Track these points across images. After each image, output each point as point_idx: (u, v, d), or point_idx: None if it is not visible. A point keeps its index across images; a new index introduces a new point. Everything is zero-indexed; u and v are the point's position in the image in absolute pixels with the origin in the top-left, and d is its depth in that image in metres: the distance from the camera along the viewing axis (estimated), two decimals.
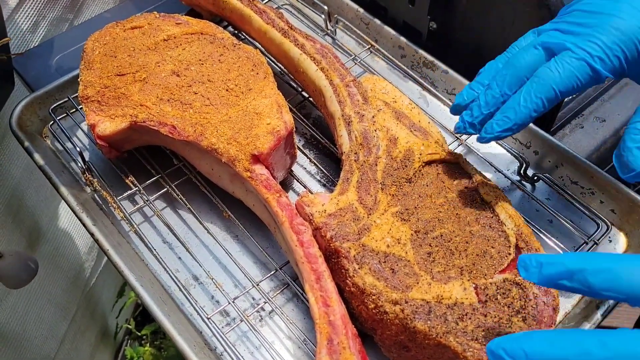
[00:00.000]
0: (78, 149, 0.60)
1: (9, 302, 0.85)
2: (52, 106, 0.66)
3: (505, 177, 0.62)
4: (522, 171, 0.62)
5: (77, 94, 0.60)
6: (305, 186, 0.62)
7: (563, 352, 0.30)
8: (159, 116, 0.57)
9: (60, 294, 1.00)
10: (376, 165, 0.54)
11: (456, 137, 0.65)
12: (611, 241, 0.58)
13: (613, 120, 0.71)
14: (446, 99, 0.68)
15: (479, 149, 0.65)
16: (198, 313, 0.52)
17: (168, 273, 0.54)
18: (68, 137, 0.64)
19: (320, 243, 0.50)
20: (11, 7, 0.79)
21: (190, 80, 0.59)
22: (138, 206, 0.61)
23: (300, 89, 0.70)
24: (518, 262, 0.36)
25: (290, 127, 0.56)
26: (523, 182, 0.62)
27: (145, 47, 0.62)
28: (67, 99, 0.67)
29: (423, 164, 0.55)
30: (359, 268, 0.47)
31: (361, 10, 0.76)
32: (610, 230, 0.57)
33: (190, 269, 0.57)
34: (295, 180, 0.63)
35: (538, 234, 0.58)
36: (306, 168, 0.65)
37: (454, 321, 0.44)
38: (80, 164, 0.61)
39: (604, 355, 0.29)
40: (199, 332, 0.53)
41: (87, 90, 0.59)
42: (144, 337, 1.35)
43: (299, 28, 0.67)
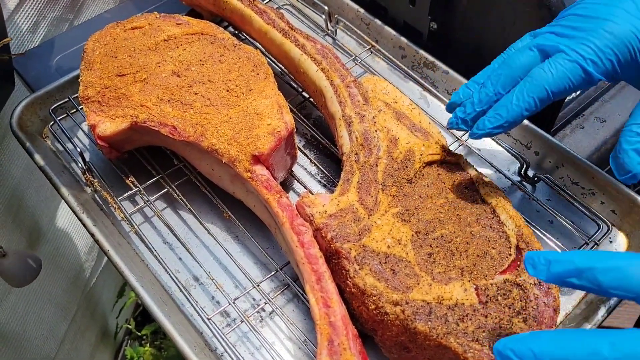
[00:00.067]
0: (78, 150, 0.60)
1: (9, 302, 0.85)
2: (53, 106, 0.66)
3: (505, 178, 0.62)
4: (523, 172, 0.62)
5: (78, 94, 0.60)
6: (305, 187, 0.62)
7: (572, 352, 0.30)
8: (160, 117, 0.57)
9: (60, 294, 1.00)
10: (377, 165, 0.54)
11: (457, 138, 0.65)
12: (612, 242, 0.58)
13: (613, 120, 0.71)
14: (447, 100, 0.68)
15: (480, 150, 0.65)
16: (198, 314, 0.52)
17: (168, 273, 0.54)
18: (68, 138, 0.64)
19: (320, 244, 0.50)
20: (11, 7, 0.79)
21: (190, 80, 0.59)
22: (138, 207, 0.61)
23: (300, 90, 0.70)
24: (525, 259, 0.36)
25: (290, 128, 0.56)
26: (524, 183, 0.62)
27: (145, 48, 0.62)
28: (68, 99, 0.67)
29: (424, 165, 0.55)
30: (360, 269, 0.47)
31: (362, 10, 0.76)
32: (610, 230, 0.57)
33: (190, 270, 0.57)
34: (295, 180, 0.63)
35: (539, 235, 0.58)
36: (307, 168, 0.65)
37: (455, 322, 0.44)
38: (80, 165, 0.61)
39: (614, 355, 0.29)
40: (200, 333, 0.53)
41: (88, 90, 0.59)
42: (144, 337, 1.35)
43: (300, 28, 0.67)
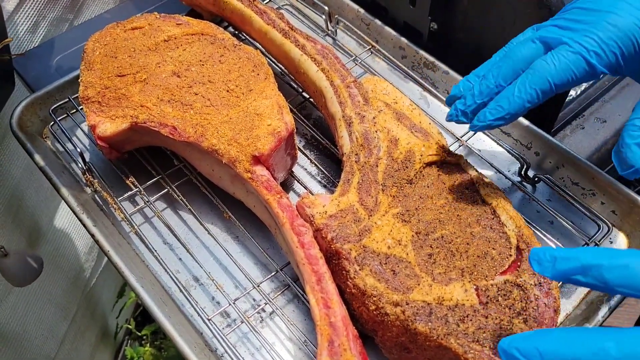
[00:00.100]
0: (78, 150, 0.60)
1: (9, 302, 0.85)
2: (53, 107, 0.66)
3: (506, 178, 0.62)
4: (523, 172, 0.62)
5: (78, 95, 0.60)
6: (306, 187, 0.62)
7: (578, 351, 0.30)
8: (160, 117, 0.57)
9: (60, 294, 1.00)
10: (377, 166, 0.54)
11: (457, 138, 0.65)
12: (612, 242, 0.58)
13: (614, 121, 0.71)
14: None
15: (480, 150, 0.65)
16: (199, 314, 0.52)
17: (168, 274, 0.54)
18: (68, 138, 0.64)
19: (321, 244, 0.50)
20: (11, 8, 0.79)
21: (190, 81, 0.59)
22: (138, 207, 0.61)
23: (300, 90, 0.70)
24: (530, 255, 0.35)
25: (291, 128, 0.56)
26: (524, 183, 0.62)
27: (145, 48, 0.62)
28: (68, 100, 0.67)
29: (424, 165, 0.55)
30: (360, 269, 0.47)
31: (362, 10, 0.76)
32: (611, 231, 0.57)
33: (190, 270, 0.57)
34: (296, 181, 0.63)
35: (539, 235, 0.58)
36: (307, 169, 0.65)
37: (455, 323, 0.44)
38: (80, 165, 0.61)
39: (619, 354, 0.29)
40: (200, 334, 0.53)
41: (88, 91, 0.59)
42: (144, 337, 1.35)
43: (300, 29, 0.67)
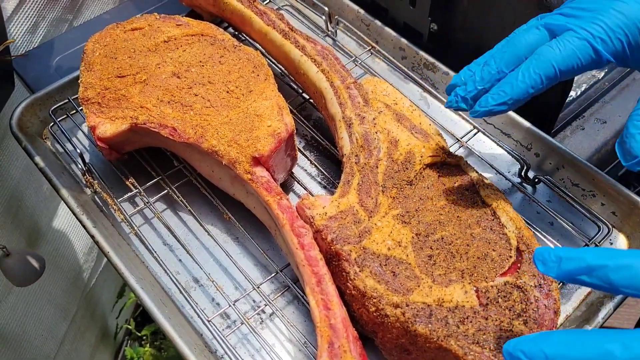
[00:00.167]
0: (78, 151, 0.60)
1: (9, 303, 0.85)
2: (53, 107, 0.66)
3: (506, 179, 0.62)
4: (523, 173, 0.62)
5: (78, 96, 0.60)
6: (305, 188, 0.62)
7: (584, 353, 0.30)
8: (160, 118, 0.57)
9: (60, 295, 1.00)
10: (377, 167, 0.54)
11: (457, 139, 0.65)
12: (612, 243, 0.58)
13: (614, 121, 0.71)
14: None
15: (480, 151, 0.65)
16: (198, 315, 0.52)
17: (168, 275, 0.53)
18: (68, 139, 0.64)
19: (321, 246, 0.50)
20: (11, 8, 0.79)
21: (190, 82, 0.59)
22: (138, 208, 0.61)
23: (300, 91, 0.70)
24: (535, 255, 0.35)
25: (291, 129, 0.56)
26: (524, 184, 0.62)
27: (145, 49, 0.62)
28: (68, 101, 0.67)
29: (424, 167, 0.55)
30: (360, 271, 0.47)
31: (362, 11, 0.76)
32: (611, 232, 0.57)
33: (190, 271, 0.57)
34: (295, 182, 0.63)
35: (539, 236, 0.58)
36: (307, 170, 0.65)
37: (455, 324, 0.44)
38: (80, 166, 0.61)
39: (625, 355, 0.29)
40: (200, 335, 0.53)
41: (88, 92, 0.59)
42: (144, 338, 1.35)
43: (300, 29, 0.67)
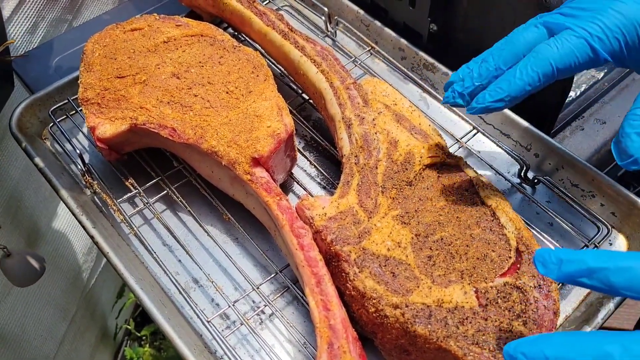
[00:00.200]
0: (78, 151, 0.60)
1: (8, 303, 0.85)
2: (52, 108, 0.66)
3: (505, 180, 0.62)
4: (523, 174, 0.62)
5: (77, 96, 0.60)
6: (305, 189, 0.62)
7: (583, 355, 0.30)
8: (159, 119, 0.57)
9: (59, 295, 1.00)
10: (376, 168, 0.54)
11: (457, 140, 0.65)
12: (612, 244, 0.58)
13: (613, 122, 0.71)
14: None
15: (480, 152, 0.65)
16: (198, 316, 0.52)
17: (168, 276, 0.53)
18: (68, 139, 0.64)
19: (320, 246, 0.50)
20: (10, 9, 0.78)
21: (190, 82, 0.59)
22: (138, 209, 0.61)
23: (300, 91, 0.70)
24: (535, 257, 0.35)
25: (290, 130, 0.56)
26: (523, 185, 0.62)
27: (145, 49, 0.62)
28: (67, 101, 0.67)
29: (423, 167, 0.55)
30: (360, 272, 0.47)
31: (361, 12, 0.76)
32: (610, 233, 0.57)
33: (190, 272, 0.57)
34: (295, 182, 0.63)
35: (538, 237, 0.58)
36: (306, 170, 0.65)
37: (455, 325, 0.44)
38: (80, 166, 0.61)
39: (625, 357, 0.29)
40: (199, 336, 0.53)
41: (87, 92, 0.59)
42: (144, 338, 1.35)
43: (299, 30, 0.67)
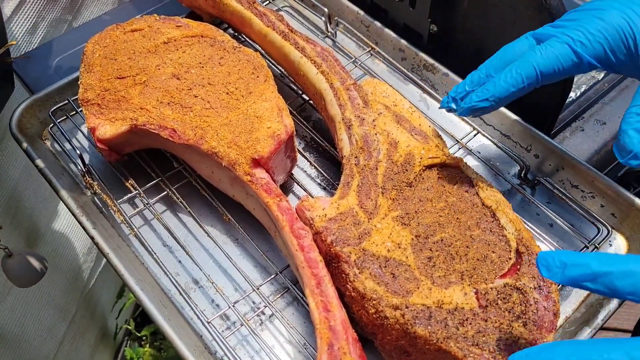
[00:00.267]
0: (78, 152, 0.60)
1: (8, 303, 0.85)
2: (52, 109, 0.66)
3: (505, 181, 0.62)
4: (523, 175, 0.62)
5: (77, 97, 0.60)
6: (305, 189, 0.62)
7: None
8: (159, 119, 0.57)
9: (59, 295, 1.00)
10: (377, 169, 0.54)
11: (457, 141, 0.65)
12: (612, 245, 0.58)
13: (614, 123, 0.71)
14: None
15: (480, 153, 0.65)
16: (198, 317, 0.52)
17: (168, 277, 0.53)
18: (68, 140, 0.64)
19: (320, 247, 0.50)
20: (10, 9, 0.78)
21: (190, 83, 0.59)
22: (138, 209, 0.61)
23: (300, 92, 0.70)
24: (538, 260, 0.35)
25: (290, 131, 0.56)
26: (523, 186, 0.62)
27: (145, 50, 0.62)
28: (67, 102, 0.67)
29: (423, 168, 0.55)
30: (360, 273, 0.47)
31: (362, 12, 0.76)
32: (610, 234, 0.57)
33: (190, 273, 0.57)
34: (295, 183, 0.63)
35: (538, 238, 0.58)
36: (306, 171, 0.65)
37: (455, 326, 0.44)
38: (80, 167, 0.61)
39: None
40: (199, 336, 0.53)
41: (87, 93, 0.59)
42: (144, 338, 1.35)
43: (299, 31, 0.67)
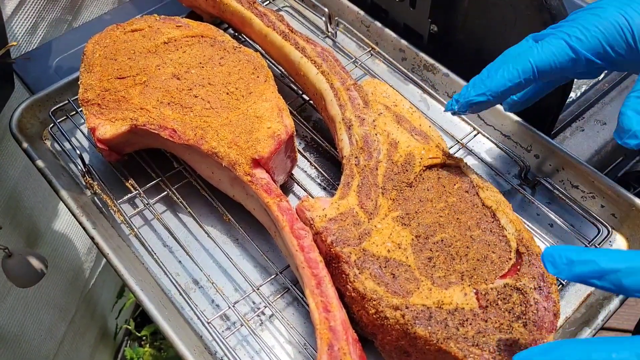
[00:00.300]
0: (78, 152, 0.60)
1: (7, 304, 0.85)
2: (52, 109, 0.66)
3: (505, 181, 0.62)
4: (523, 175, 0.62)
5: (77, 97, 0.60)
6: (305, 190, 0.62)
7: None
8: (160, 119, 0.57)
9: (59, 295, 1.00)
10: (377, 169, 0.54)
11: (457, 141, 0.65)
12: (612, 245, 0.58)
13: (614, 123, 0.71)
14: (446, 103, 0.68)
15: (480, 153, 0.65)
16: (198, 317, 0.52)
17: (168, 277, 0.53)
18: (68, 140, 0.64)
19: (320, 248, 0.50)
20: (10, 10, 0.78)
21: (190, 83, 0.59)
22: (138, 209, 0.61)
23: (300, 92, 0.70)
24: (544, 256, 0.35)
25: (290, 131, 0.56)
26: (524, 186, 0.62)
27: (145, 50, 0.61)
28: (67, 102, 0.67)
29: (424, 168, 0.55)
30: (360, 273, 0.47)
31: (362, 12, 0.76)
32: (611, 234, 0.57)
33: (190, 273, 0.57)
34: (295, 183, 0.63)
35: (539, 238, 0.58)
36: (307, 171, 0.65)
37: (455, 327, 0.44)
38: (80, 167, 0.61)
39: None
40: (199, 337, 0.53)
41: (88, 93, 0.59)
42: (144, 338, 1.35)
43: (300, 31, 0.67)
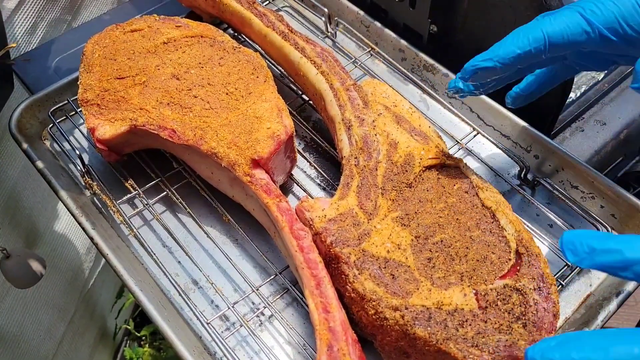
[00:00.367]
0: (77, 152, 0.60)
1: (6, 304, 0.85)
2: (52, 109, 0.66)
3: (505, 182, 0.62)
4: (523, 175, 0.62)
5: (77, 97, 0.60)
6: (305, 190, 0.61)
7: (616, 355, 0.29)
8: (159, 120, 0.56)
9: (58, 295, 0.99)
10: (376, 170, 0.54)
11: (457, 142, 0.65)
12: None
13: (614, 123, 0.71)
14: (446, 103, 0.68)
15: (480, 153, 0.65)
16: (197, 318, 0.52)
17: (167, 277, 0.53)
18: (67, 140, 0.64)
19: (320, 248, 0.50)
20: (10, 10, 0.78)
21: (190, 83, 0.59)
22: (138, 210, 0.61)
23: (300, 92, 0.70)
24: (564, 243, 0.33)
25: (290, 132, 0.56)
26: (523, 187, 0.62)
27: (145, 50, 0.61)
28: (67, 102, 0.67)
29: (423, 169, 0.55)
30: (359, 274, 0.47)
31: (362, 12, 0.76)
32: None
33: (189, 273, 0.57)
34: (295, 184, 0.63)
35: (538, 239, 0.58)
36: (306, 172, 0.65)
37: (454, 327, 0.44)
38: (79, 167, 0.61)
39: None
40: (199, 337, 0.53)
41: (87, 93, 0.59)
42: (143, 338, 1.35)
43: (299, 31, 0.67)
